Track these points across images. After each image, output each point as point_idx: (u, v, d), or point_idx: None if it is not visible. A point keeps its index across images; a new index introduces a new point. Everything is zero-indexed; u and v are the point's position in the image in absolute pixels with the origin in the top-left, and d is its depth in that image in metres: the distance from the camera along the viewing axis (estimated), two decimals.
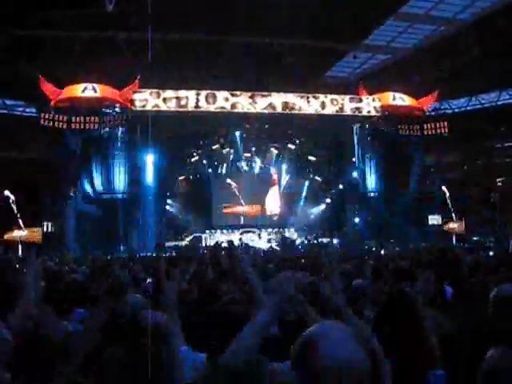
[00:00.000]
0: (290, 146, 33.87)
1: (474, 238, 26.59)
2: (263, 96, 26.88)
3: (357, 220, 33.29)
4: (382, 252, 14.65)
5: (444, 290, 5.72)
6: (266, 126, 30.37)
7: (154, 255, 18.99)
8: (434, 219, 31.99)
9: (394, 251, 16.85)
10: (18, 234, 24.62)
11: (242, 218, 35.51)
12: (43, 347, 2.76)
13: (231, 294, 4.14)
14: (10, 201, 23.70)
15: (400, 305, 3.42)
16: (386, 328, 3.35)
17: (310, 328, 1.48)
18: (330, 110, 27.53)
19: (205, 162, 34.18)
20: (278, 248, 28.37)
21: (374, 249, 21.14)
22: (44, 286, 5.00)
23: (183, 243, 31.44)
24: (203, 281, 6.15)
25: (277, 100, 26.97)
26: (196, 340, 3.23)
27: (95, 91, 25.01)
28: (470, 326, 3.51)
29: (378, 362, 1.45)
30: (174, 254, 21.25)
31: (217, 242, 18.68)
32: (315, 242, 31.96)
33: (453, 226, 28.98)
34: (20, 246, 23.49)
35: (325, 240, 33.49)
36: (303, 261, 11.60)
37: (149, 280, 7.41)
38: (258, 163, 35.79)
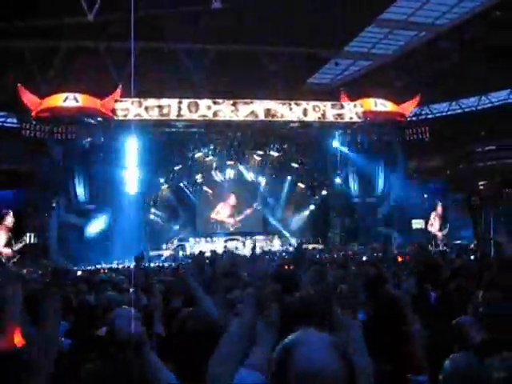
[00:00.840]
0: (272, 153, 33.91)
1: (457, 242, 26.75)
2: (245, 103, 26.89)
3: (340, 226, 33.45)
4: (364, 258, 14.67)
5: (428, 294, 5.74)
6: (249, 133, 30.39)
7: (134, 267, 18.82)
8: (418, 223, 32.17)
9: (376, 256, 16.87)
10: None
11: (226, 226, 35.51)
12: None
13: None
14: None
15: (390, 310, 3.43)
16: (374, 333, 3.34)
17: (289, 336, 1.48)
18: (312, 116, 27.58)
19: (187, 170, 34.11)
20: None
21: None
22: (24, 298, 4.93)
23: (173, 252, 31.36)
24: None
25: (259, 107, 26.99)
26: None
27: (77, 101, 24.86)
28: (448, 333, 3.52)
29: (355, 372, 1.44)
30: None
31: (200, 252, 18.43)
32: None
33: (435, 229, 29.09)
34: None
35: (310, 246, 33.57)
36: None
37: (131, 290, 7.40)
38: (240, 171, 35.77)
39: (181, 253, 31.86)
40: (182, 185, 34.75)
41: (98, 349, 3.18)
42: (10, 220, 23.72)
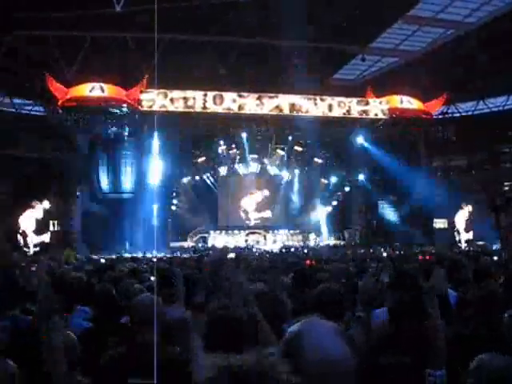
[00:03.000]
0: (296, 147, 33.86)
1: (480, 243, 26.47)
2: (270, 98, 26.85)
3: (361, 223, 33.36)
4: (385, 254, 14.60)
5: (447, 294, 5.69)
6: (273, 128, 30.35)
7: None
8: (440, 223, 31.94)
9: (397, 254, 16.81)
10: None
11: (248, 219, 35.56)
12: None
13: None
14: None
15: (408, 302, 3.42)
16: (396, 326, 3.34)
17: (297, 324, 1.50)
18: (337, 112, 27.46)
19: (211, 162, 34.22)
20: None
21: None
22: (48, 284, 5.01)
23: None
24: None
25: (284, 102, 26.94)
26: None
27: (102, 91, 25.03)
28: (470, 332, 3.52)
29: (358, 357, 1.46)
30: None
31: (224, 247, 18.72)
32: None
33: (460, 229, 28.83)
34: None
35: (331, 243, 33.55)
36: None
37: (152, 278, 7.52)
38: (264, 165, 35.79)
39: (201, 245, 32.03)
40: (204, 177, 34.88)
41: (120, 335, 3.23)
42: (39, 209, 24.21)
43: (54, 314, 2.92)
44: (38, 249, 22.98)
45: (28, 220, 24.28)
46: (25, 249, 23.04)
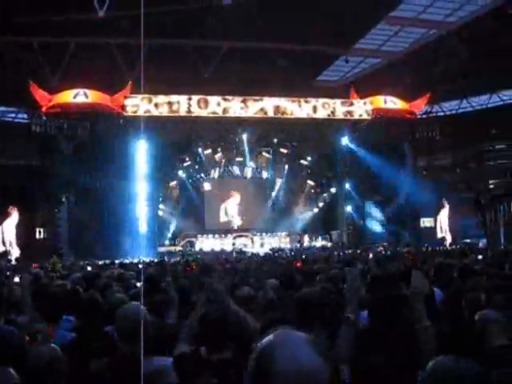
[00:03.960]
0: (282, 150, 33.90)
1: (467, 241, 26.65)
2: (255, 100, 26.89)
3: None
4: (370, 256, 14.63)
5: (434, 294, 5.73)
6: (259, 130, 30.37)
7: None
8: (427, 221, 32.10)
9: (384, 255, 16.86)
10: None
11: (235, 223, 35.50)
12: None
13: None
14: None
15: (394, 306, 3.44)
16: (379, 328, 3.36)
17: (268, 336, 1.48)
18: (322, 113, 27.54)
19: (197, 166, 34.18)
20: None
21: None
22: (32, 294, 4.99)
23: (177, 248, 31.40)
24: None
25: (268, 104, 26.99)
26: None
27: (86, 97, 24.93)
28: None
29: (335, 373, 1.46)
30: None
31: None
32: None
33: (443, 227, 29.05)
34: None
35: (318, 244, 33.56)
36: None
37: (138, 284, 7.47)
38: (250, 167, 35.80)
39: (189, 249, 31.92)
40: (190, 181, 34.82)
41: (104, 345, 3.22)
42: (15, 215, 24.20)
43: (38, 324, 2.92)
44: (22, 257, 22.80)
45: (9, 230, 24.33)
46: (9, 257, 22.84)
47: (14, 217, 24.81)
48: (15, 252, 23.87)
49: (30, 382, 2.60)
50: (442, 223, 29.16)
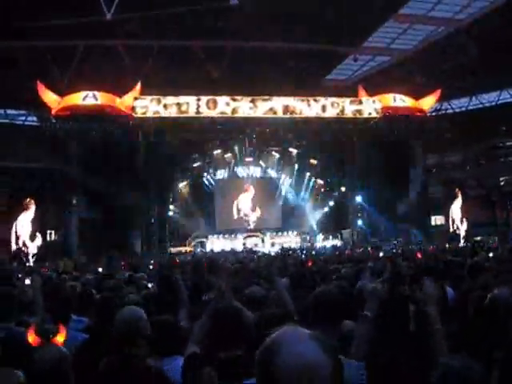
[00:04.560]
0: (291, 149, 33.89)
1: (477, 238, 26.53)
2: (264, 100, 26.88)
3: (360, 222, 33.33)
4: (381, 254, 14.60)
5: (446, 292, 5.71)
6: (268, 130, 30.35)
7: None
8: (438, 219, 31.99)
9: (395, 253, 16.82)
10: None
11: (246, 222, 35.55)
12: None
13: None
14: None
15: (402, 306, 3.45)
16: (388, 328, 3.37)
17: (273, 334, 1.51)
18: (331, 112, 27.49)
19: (206, 167, 34.25)
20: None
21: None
22: (43, 295, 5.02)
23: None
24: None
25: (277, 104, 26.96)
26: None
27: (96, 99, 25.00)
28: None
29: (340, 368, 1.48)
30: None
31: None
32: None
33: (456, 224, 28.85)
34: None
35: (329, 243, 33.55)
36: None
37: (150, 285, 7.54)
38: (260, 167, 35.84)
39: (199, 249, 32.03)
40: (200, 182, 34.90)
41: (113, 345, 3.24)
42: (33, 209, 23.75)
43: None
44: (35, 259, 22.83)
45: (24, 226, 23.87)
46: (22, 258, 22.91)
47: (31, 211, 24.04)
48: (32, 249, 23.28)
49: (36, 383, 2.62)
50: (454, 216, 28.77)
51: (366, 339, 3.23)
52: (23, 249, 23.31)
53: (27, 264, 21.51)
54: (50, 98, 24.42)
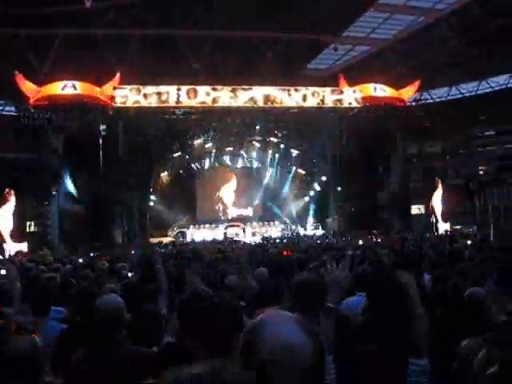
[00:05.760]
0: (272, 139, 33.89)
1: (456, 227, 26.80)
2: (244, 90, 26.81)
3: (339, 212, 33.50)
4: (360, 242, 14.70)
5: (423, 279, 5.77)
6: (248, 120, 30.31)
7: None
8: (418, 208, 32.21)
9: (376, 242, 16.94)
10: None
11: (227, 212, 35.57)
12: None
13: None
14: None
15: (390, 291, 3.48)
16: (375, 313, 3.40)
17: (257, 317, 1.55)
18: (312, 102, 27.51)
19: (187, 157, 34.13)
20: None
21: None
22: (22, 286, 4.99)
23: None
24: None
25: (258, 93, 26.91)
26: None
27: (75, 88, 24.77)
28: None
29: (321, 350, 1.51)
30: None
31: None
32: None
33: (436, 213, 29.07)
34: None
35: (310, 232, 33.66)
36: None
37: (129, 274, 7.56)
38: (240, 157, 35.81)
39: (180, 239, 31.97)
40: (181, 172, 34.79)
41: (90, 334, 3.25)
42: (13, 200, 23.48)
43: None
44: (13, 250, 22.55)
45: (6, 215, 23.55)
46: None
47: (11, 202, 23.77)
48: (9, 244, 23.03)
49: (8, 373, 2.62)
50: (434, 207, 28.99)
51: (329, 331, 3.24)
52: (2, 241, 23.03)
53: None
54: (28, 87, 24.15)
